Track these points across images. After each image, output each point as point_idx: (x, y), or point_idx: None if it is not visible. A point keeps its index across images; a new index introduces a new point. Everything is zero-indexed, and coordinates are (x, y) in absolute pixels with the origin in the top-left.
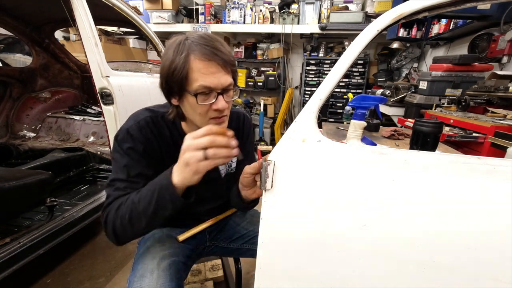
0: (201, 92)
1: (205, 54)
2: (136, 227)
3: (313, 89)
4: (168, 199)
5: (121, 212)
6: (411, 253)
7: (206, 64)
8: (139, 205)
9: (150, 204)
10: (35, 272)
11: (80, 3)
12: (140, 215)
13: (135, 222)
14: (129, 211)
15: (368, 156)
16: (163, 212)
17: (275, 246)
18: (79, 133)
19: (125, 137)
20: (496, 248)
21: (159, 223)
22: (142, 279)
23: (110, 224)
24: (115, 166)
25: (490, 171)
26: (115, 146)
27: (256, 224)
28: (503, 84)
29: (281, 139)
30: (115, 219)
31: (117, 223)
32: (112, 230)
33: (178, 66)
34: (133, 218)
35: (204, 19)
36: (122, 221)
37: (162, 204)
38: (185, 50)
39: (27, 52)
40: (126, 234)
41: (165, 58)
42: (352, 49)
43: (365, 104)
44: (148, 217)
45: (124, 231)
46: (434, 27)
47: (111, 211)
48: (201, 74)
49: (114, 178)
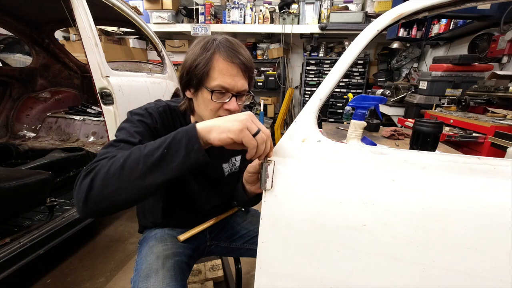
0: (217, 90)
1: (229, 56)
2: (125, 174)
3: (313, 89)
4: (184, 142)
5: (117, 158)
6: (411, 253)
7: (228, 65)
8: (144, 149)
9: (159, 148)
10: (35, 272)
11: (80, 3)
12: (139, 160)
13: (128, 168)
14: (126, 155)
15: (368, 156)
16: (170, 161)
17: (275, 246)
18: (79, 133)
19: (142, 112)
20: (496, 248)
21: (156, 182)
22: (148, 279)
23: (92, 173)
24: (123, 132)
25: (490, 171)
26: (127, 118)
27: (256, 224)
28: (503, 84)
29: (281, 139)
30: (103, 166)
31: (103, 170)
32: (90, 181)
33: (203, 61)
34: (128, 161)
35: (204, 19)
36: (111, 167)
37: (175, 148)
38: (211, 49)
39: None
40: (103, 190)
41: (191, 53)
42: (352, 49)
43: (365, 104)
44: (149, 163)
45: (104, 182)
46: (434, 27)
47: (103, 160)
48: (222, 74)
49: (121, 139)
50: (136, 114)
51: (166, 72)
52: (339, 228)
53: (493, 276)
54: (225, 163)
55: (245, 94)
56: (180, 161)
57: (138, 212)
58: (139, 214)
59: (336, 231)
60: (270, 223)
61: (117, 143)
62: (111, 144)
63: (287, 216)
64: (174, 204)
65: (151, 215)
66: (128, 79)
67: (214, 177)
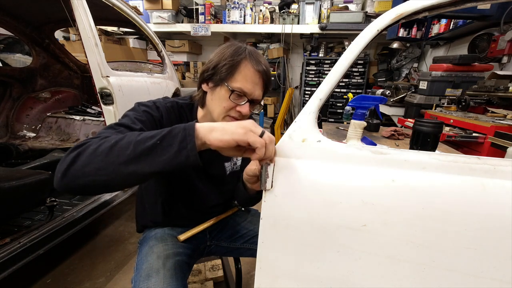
0: (237, 92)
1: (258, 66)
2: (111, 156)
3: (313, 89)
4: (179, 138)
5: (109, 139)
6: (411, 253)
7: (254, 73)
8: (138, 136)
9: (153, 137)
10: (35, 272)
11: (80, 3)
12: (130, 144)
13: (117, 150)
14: (120, 137)
15: (368, 156)
16: (159, 153)
17: (275, 246)
18: (79, 133)
19: (149, 104)
20: (496, 248)
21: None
22: (149, 279)
23: (80, 148)
24: (125, 118)
25: (490, 171)
26: (133, 107)
27: (256, 223)
28: (503, 84)
29: (281, 139)
30: (93, 143)
31: (91, 147)
32: (74, 156)
33: (232, 61)
34: (119, 145)
35: (204, 19)
36: (99, 147)
37: (168, 142)
38: (243, 54)
39: (27, 52)
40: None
41: (221, 53)
42: (352, 49)
43: (365, 104)
44: (138, 150)
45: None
46: (434, 27)
47: (96, 138)
48: (245, 79)
49: (121, 123)
50: (143, 105)
51: (166, 72)
52: (339, 228)
53: (493, 276)
54: (227, 162)
55: (257, 104)
56: (170, 156)
57: (137, 211)
58: (138, 213)
59: (336, 231)
60: (270, 223)
61: (117, 127)
62: (111, 126)
63: (287, 216)
64: (175, 202)
65: (151, 214)
66: (128, 79)
67: (216, 176)
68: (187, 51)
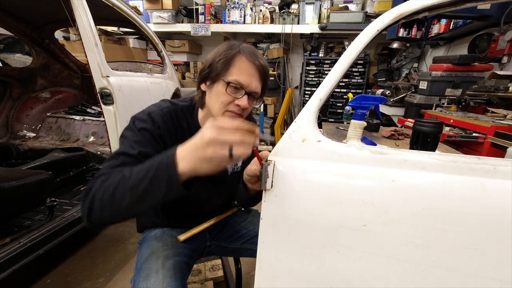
0: (233, 84)
1: (251, 57)
2: (116, 205)
3: (313, 89)
4: (164, 181)
5: (107, 184)
6: (411, 253)
7: (249, 65)
8: (129, 180)
9: (142, 181)
10: (35, 272)
11: (80, 3)
12: (126, 191)
13: (117, 199)
14: (115, 184)
15: (368, 156)
16: (153, 195)
17: (275, 246)
18: (79, 133)
19: (145, 118)
20: (496, 248)
21: (143, 209)
22: (148, 279)
23: (90, 197)
24: (124, 142)
25: (490, 171)
26: (129, 125)
27: (256, 224)
28: (503, 84)
29: (281, 139)
30: (96, 192)
31: (96, 197)
32: (89, 205)
33: (226, 56)
34: (117, 193)
35: (204, 19)
36: (103, 194)
37: (156, 184)
38: (236, 48)
39: (27, 52)
40: (103, 213)
41: (216, 50)
42: (352, 49)
43: (365, 104)
44: (134, 196)
45: (101, 207)
46: (434, 27)
47: (97, 182)
48: (241, 71)
49: (121, 151)
50: (139, 120)
51: (166, 72)
52: (339, 228)
53: (493, 276)
54: None
55: (257, 97)
56: (162, 195)
57: None
58: None
59: (336, 231)
60: (270, 223)
61: (118, 156)
62: (112, 156)
63: (287, 216)
64: (175, 203)
65: (152, 214)
66: (128, 79)
67: (218, 177)
68: (187, 51)
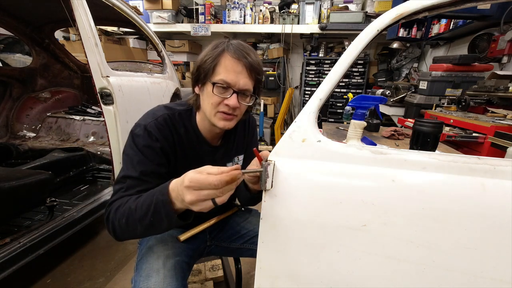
0: (219, 84)
1: (236, 54)
2: (133, 231)
3: (313, 89)
4: (163, 216)
5: (119, 215)
6: (411, 253)
7: (234, 62)
8: (136, 213)
9: (146, 216)
10: (35, 272)
11: (80, 3)
12: (136, 222)
13: (132, 228)
14: (126, 216)
15: (368, 156)
16: (159, 225)
17: (275, 246)
18: (79, 133)
19: (142, 134)
20: (496, 248)
21: (159, 232)
22: (149, 279)
23: (110, 222)
24: (128, 162)
25: (490, 171)
26: (129, 142)
27: (256, 224)
28: (503, 84)
29: (281, 139)
30: (114, 219)
31: (115, 223)
32: (112, 228)
33: (212, 57)
34: (130, 224)
35: (204, 19)
36: (120, 223)
37: (158, 218)
38: (221, 46)
39: (27, 52)
40: (124, 235)
41: (205, 51)
42: (352, 49)
43: (365, 104)
44: (145, 226)
45: (122, 232)
46: (434, 27)
47: (112, 210)
48: (226, 69)
49: (125, 175)
50: (138, 137)
51: (166, 72)
52: (339, 228)
53: (493, 276)
54: (229, 162)
55: (249, 95)
56: (166, 227)
57: None
58: None
59: (336, 231)
60: (270, 223)
61: (124, 180)
62: (119, 180)
63: (287, 216)
64: None
65: None
66: (128, 79)
67: None
68: (187, 51)
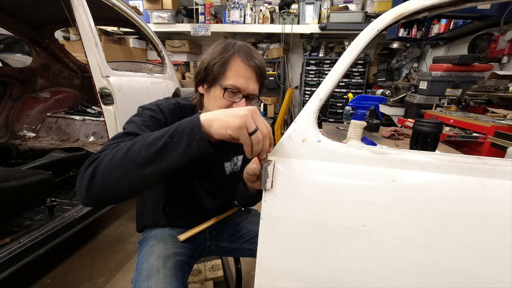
0: (230, 89)
1: (247, 59)
2: (128, 163)
3: (313, 89)
4: (186, 132)
5: (120, 147)
6: (411, 253)
7: (245, 67)
8: (148, 138)
9: (162, 137)
10: (35, 272)
11: (80, 3)
12: (142, 148)
13: (130, 158)
14: (131, 143)
15: (368, 156)
16: (172, 150)
17: (275, 246)
18: (79, 133)
19: (153, 107)
20: (496, 248)
21: (158, 171)
22: (149, 278)
23: (96, 161)
24: (133, 125)
25: (490, 171)
26: (138, 112)
27: (256, 224)
28: (503, 84)
29: (281, 139)
30: (107, 154)
31: (106, 158)
32: (93, 169)
33: (221, 61)
34: (132, 151)
35: (204, 19)
36: (114, 156)
37: (178, 137)
38: (231, 50)
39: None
40: (105, 180)
41: (211, 52)
42: (352, 49)
43: (365, 104)
44: (152, 152)
45: (107, 171)
46: (434, 27)
47: (108, 150)
48: (237, 74)
49: (128, 131)
50: (147, 109)
51: (166, 72)
52: (339, 228)
53: (493, 276)
54: (227, 162)
55: (254, 98)
56: (183, 150)
57: (137, 211)
58: (138, 212)
59: (336, 231)
60: (270, 223)
61: (125, 136)
62: (118, 135)
63: (287, 216)
64: (176, 203)
65: (152, 214)
66: (128, 79)
67: (216, 176)
68: (187, 51)
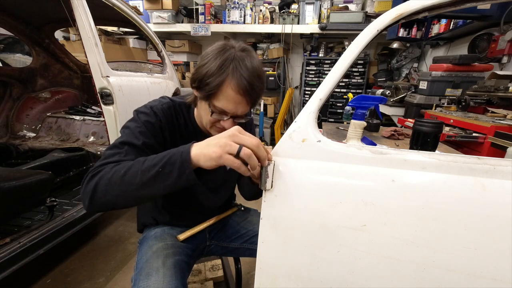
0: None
1: (241, 88)
2: (124, 185)
3: (313, 89)
4: (177, 165)
5: (119, 167)
6: (411, 253)
7: (235, 96)
8: (143, 164)
9: (155, 166)
10: (35, 272)
11: (80, 3)
12: (137, 173)
13: (127, 180)
14: (128, 166)
15: (368, 156)
16: (164, 179)
17: (275, 246)
18: (79, 133)
19: (147, 111)
20: (496, 248)
21: (150, 194)
22: (148, 277)
23: (98, 177)
24: (128, 132)
25: (490, 171)
26: (133, 117)
27: (256, 223)
28: (503, 84)
29: (281, 139)
30: (107, 172)
31: (106, 177)
32: (95, 183)
33: (215, 82)
34: (128, 173)
35: (204, 19)
36: (112, 176)
37: (169, 168)
38: (228, 70)
39: (27, 52)
40: (106, 195)
41: (208, 62)
42: (352, 49)
43: (365, 104)
44: (145, 179)
45: (107, 188)
46: (434, 27)
47: (108, 166)
48: (227, 100)
49: (124, 141)
50: (142, 113)
51: (166, 72)
52: (339, 228)
53: (493, 276)
54: None
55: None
56: (173, 181)
57: (138, 211)
58: (139, 212)
59: (336, 231)
60: (270, 223)
61: (122, 145)
62: (115, 145)
63: (287, 216)
64: (176, 201)
65: (152, 213)
66: (128, 79)
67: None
68: (187, 51)
